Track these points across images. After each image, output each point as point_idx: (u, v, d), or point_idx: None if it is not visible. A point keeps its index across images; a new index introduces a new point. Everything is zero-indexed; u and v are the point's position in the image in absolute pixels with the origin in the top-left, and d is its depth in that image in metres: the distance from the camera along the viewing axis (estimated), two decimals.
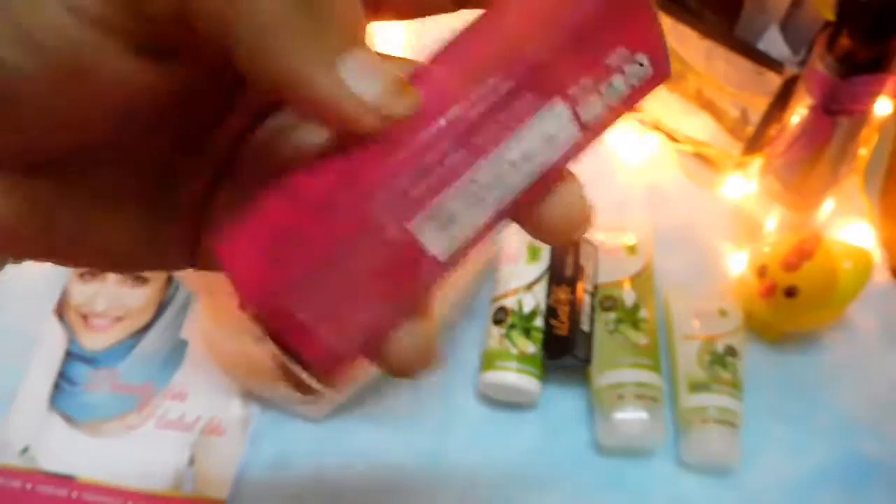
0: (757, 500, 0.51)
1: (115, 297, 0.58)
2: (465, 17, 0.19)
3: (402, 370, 0.19)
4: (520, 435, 0.53)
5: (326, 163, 0.18)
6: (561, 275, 0.55)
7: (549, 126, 0.18)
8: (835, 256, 0.52)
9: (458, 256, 0.19)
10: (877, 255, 0.58)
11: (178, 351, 0.56)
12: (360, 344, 0.18)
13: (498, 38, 0.18)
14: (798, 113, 0.53)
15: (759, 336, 0.56)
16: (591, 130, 0.19)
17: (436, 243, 0.18)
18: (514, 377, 0.52)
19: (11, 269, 0.60)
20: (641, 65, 0.19)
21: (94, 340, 0.57)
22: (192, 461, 0.51)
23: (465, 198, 0.18)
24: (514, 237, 0.57)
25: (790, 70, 0.54)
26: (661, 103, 0.64)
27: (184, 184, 0.22)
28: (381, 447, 0.52)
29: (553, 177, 0.19)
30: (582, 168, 0.20)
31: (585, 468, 0.52)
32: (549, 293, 0.55)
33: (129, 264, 0.23)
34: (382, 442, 0.53)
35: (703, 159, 0.64)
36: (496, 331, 0.54)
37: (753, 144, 0.60)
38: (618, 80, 0.19)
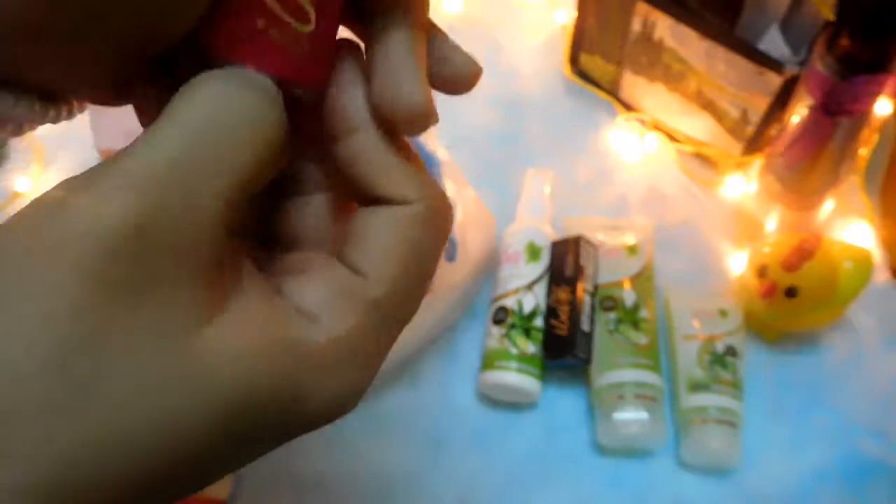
0: (757, 500, 0.51)
1: None
2: None
3: None
4: (520, 435, 0.53)
5: None
6: (561, 275, 0.55)
7: None
8: (835, 256, 0.52)
9: None
10: (877, 255, 0.58)
11: None
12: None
13: None
14: (798, 113, 0.53)
15: (759, 336, 0.56)
16: None
17: None
18: (514, 377, 0.52)
19: None
20: None
21: None
22: None
23: None
24: (514, 237, 0.57)
25: (790, 70, 0.54)
26: (661, 103, 0.64)
27: None
28: (382, 447, 0.53)
29: None
30: (583, 168, 0.20)
31: (585, 468, 0.52)
32: (550, 293, 0.55)
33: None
34: (382, 441, 0.53)
35: (703, 159, 0.64)
36: (496, 331, 0.54)
37: (753, 144, 0.60)
38: None
